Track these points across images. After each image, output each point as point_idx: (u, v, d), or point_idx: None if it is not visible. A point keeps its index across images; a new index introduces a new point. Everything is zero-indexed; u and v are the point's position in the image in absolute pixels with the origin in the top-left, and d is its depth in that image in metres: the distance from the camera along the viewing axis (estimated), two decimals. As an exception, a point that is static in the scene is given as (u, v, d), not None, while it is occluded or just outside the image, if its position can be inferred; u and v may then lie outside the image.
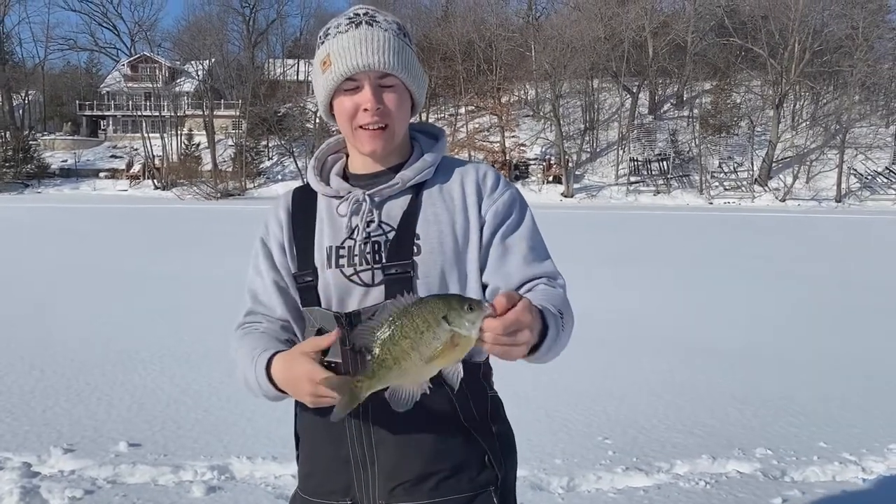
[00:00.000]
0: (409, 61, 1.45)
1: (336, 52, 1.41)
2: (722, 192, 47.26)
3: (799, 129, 49.74)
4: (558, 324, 1.29)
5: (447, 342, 1.12)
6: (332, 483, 1.51)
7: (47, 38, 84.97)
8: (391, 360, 1.16)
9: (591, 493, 3.67)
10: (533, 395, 5.19)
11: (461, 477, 1.45)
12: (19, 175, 53.92)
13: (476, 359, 1.52)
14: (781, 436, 4.44)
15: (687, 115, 52.17)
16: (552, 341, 1.25)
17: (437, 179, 1.51)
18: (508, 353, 1.14)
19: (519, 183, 49.45)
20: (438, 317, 1.12)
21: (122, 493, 3.59)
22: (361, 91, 1.41)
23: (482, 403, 1.51)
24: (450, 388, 1.24)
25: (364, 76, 1.40)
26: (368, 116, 1.41)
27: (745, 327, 7.82)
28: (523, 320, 1.12)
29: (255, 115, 53.66)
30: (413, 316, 1.14)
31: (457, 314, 1.11)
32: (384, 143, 1.45)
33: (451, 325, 1.11)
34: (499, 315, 1.10)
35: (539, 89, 53.55)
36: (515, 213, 1.51)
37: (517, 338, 1.12)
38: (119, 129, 62.87)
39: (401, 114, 1.45)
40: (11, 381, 5.47)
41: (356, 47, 1.39)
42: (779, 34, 47.78)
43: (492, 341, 1.11)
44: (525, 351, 1.15)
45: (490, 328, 1.10)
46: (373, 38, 1.40)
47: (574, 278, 7.81)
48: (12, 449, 4.10)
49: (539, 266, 1.47)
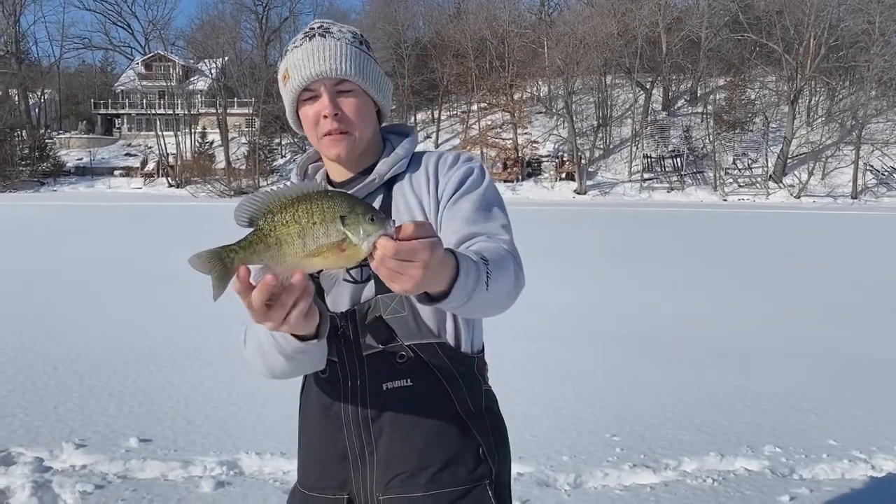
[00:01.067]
0: (364, 66, 1.47)
1: (293, 65, 1.46)
2: (736, 188, 46.99)
3: (814, 125, 49.34)
4: (480, 273, 1.18)
5: (335, 244, 1.06)
6: (329, 477, 1.54)
7: (62, 37, 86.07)
8: (273, 239, 1.08)
9: (597, 489, 3.67)
10: (541, 391, 5.20)
11: (456, 470, 1.46)
12: (35, 173, 54.45)
13: (471, 351, 1.53)
14: (790, 433, 4.42)
15: (701, 111, 51.87)
16: (465, 291, 1.14)
17: (408, 171, 1.54)
18: (393, 280, 1.05)
19: (531, 180, 49.38)
20: (336, 214, 1.06)
21: (133, 488, 3.63)
22: (320, 99, 1.45)
23: (477, 396, 1.53)
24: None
25: (320, 84, 1.44)
26: (329, 123, 1.44)
27: (755, 324, 7.78)
28: (421, 255, 1.02)
29: (268, 113, 53.84)
30: (312, 203, 1.07)
31: (355, 219, 1.05)
32: (346, 148, 1.47)
33: (347, 227, 1.05)
34: (398, 238, 1.03)
35: (552, 86, 53.40)
36: (469, 181, 1.50)
37: (406, 269, 1.03)
38: (133, 128, 63.30)
39: (362, 119, 1.48)
40: (24, 377, 5.53)
41: (310, 58, 1.44)
42: (794, 29, 47.39)
43: (378, 260, 1.03)
44: (413, 287, 1.04)
45: (382, 247, 1.03)
46: (324, 47, 1.44)
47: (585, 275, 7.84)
48: (25, 444, 4.15)
49: (481, 225, 1.43)
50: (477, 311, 1.25)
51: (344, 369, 1.48)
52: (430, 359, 1.46)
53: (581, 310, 7.77)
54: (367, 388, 1.47)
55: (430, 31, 59.65)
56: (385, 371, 1.46)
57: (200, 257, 1.12)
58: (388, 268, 1.03)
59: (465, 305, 1.18)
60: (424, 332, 1.47)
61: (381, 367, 1.46)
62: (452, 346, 1.49)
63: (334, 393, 1.51)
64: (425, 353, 1.46)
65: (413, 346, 1.46)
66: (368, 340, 1.46)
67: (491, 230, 1.42)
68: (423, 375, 1.46)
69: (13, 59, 62.19)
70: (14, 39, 63.22)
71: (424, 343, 1.47)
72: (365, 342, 1.47)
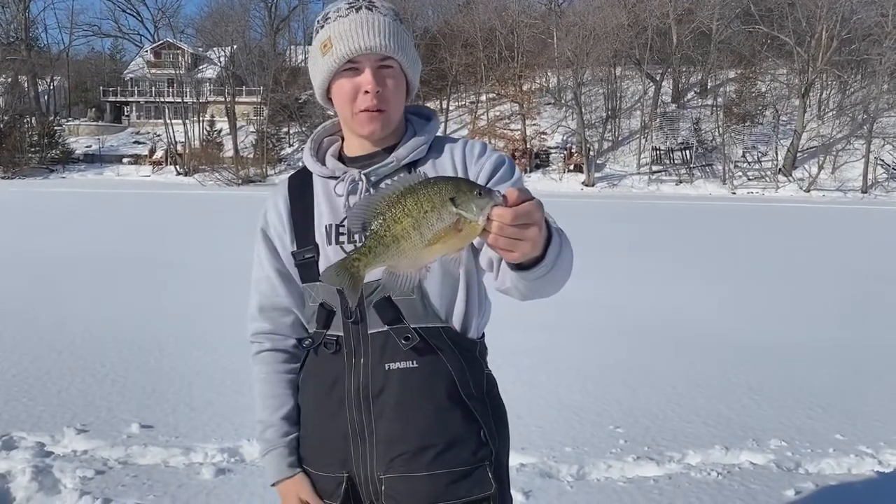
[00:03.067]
0: (406, 45, 1.47)
1: (338, 35, 1.43)
2: (745, 182, 46.69)
3: (825, 118, 48.94)
4: (563, 239, 1.25)
5: (451, 226, 1.06)
6: (330, 455, 1.54)
7: (72, 25, 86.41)
8: (390, 238, 1.10)
9: (600, 481, 3.64)
10: (545, 381, 5.17)
11: (458, 451, 1.47)
12: (44, 160, 54.54)
13: (475, 336, 1.54)
14: (796, 427, 4.38)
15: (711, 103, 51.51)
16: (554, 254, 1.19)
17: (430, 156, 1.53)
18: (513, 247, 1.07)
19: (539, 172, 49.23)
20: (445, 198, 1.06)
21: (133, 474, 3.63)
22: (362, 74, 1.43)
23: (479, 380, 1.53)
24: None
25: (365, 59, 1.43)
26: (368, 99, 1.43)
27: (762, 318, 7.73)
28: (535, 214, 1.06)
29: (276, 102, 53.78)
30: (418, 194, 1.07)
31: (465, 197, 1.05)
32: (381, 126, 1.47)
33: (458, 207, 1.05)
34: (510, 205, 1.05)
35: (561, 77, 53.13)
36: (503, 170, 1.50)
37: (525, 232, 1.06)
38: (142, 115, 63.32)
39: (397, 97, 1.48)
40: (29, 361, 5.54)
41: (358, 30, 1.42)
42: (806, 21, 46.96)
43: (498, 231, 1.05)
44: (531, 249, 1.09)
45: (499, 216, 1.04)
46: (374, 21, 1.43)
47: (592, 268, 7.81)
48: (27, 428, 4.15)
49: None
50: (555, 280, 1.26)
51: (349, 346, 1.49)
52: (434, 342, 1.46)
53: (587, 301, 7.72)
54: (370, 365, 1.47)
55: (440, 20, 59.36)
56: (389, 351, 1.46)
57: (330, 273, 1.18)
58: (508, 235, 1.05)
59: (551, 271, 1.21)
60: (431, 315, 1.46)
61: (386, 346, 1.46)
62: (458, 330, 1.49)
63: (337, 370, 1.51)
64: (430, 336, 1.46)
65: (419, 329, 1.45)
66: (374, 319, 1.46)
67: None
68: (427, 358, 1.46)
69: (23, 45, 62.26)
70: (24, 26, 63.28)
71: (430, 327, 1.46)
72: (371, 321, 1.47)
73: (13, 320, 6.91)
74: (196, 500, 3.37)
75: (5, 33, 63.51)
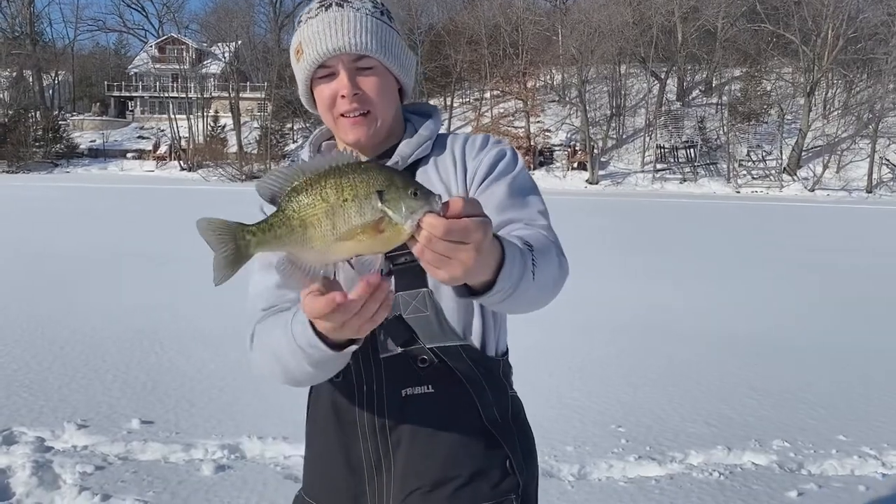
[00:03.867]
0: (387, 40, 1.34)
1: (307, 38, 1.32)
2: (749, 180, 46.61)
3: (830, 117, 48.82)
4: (526, 260, 1.05)
5: (372, 224, 0.90)
6: (341, 489, 1.42)
7: (77, 19, 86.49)
8: (297, 221, 0.93)
9: (602, 481, 3.62)
10: (546, 380, 5.15)
11: (481, 483, 1.35)
12: (49, 155, 54.63)
13: (496, 354, 1.41)
14: (799, 428, 4.36)
15: (716, 102, 51.44)
16: (511, 281, 1.01)
17: (432, 154, 1.42)
18: (439, 266, 0.90)
19: (543, 169, 49.17)
20: (372, 189, 0.90)
21: (133, 470, 3.62)
22: (337, 77, 1.32)
23: (504, 404, 1.41)
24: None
25: (337, 60, 1.31)
26: (347, 103, 1.32)
27: (765, 317, 7.70)
28: (474, 234, 0.88)
29: (280, 98, 53.77)
30: (343, 178, 0.91)
31: (396, 193, 0.89)
32: (367, 130, 1.34)
33: (385, 204, 0.89)
34: (447, 216, 0.88)
35: (565, 74, 53.07)
36: (501, 164, 1.37)
37: (458, 252, 0.89)
38: (146, 111, 63.40)
39: (384, 98, 1.34)
40: (30, 356, 5.53)
41: (326, 31, 1.30)
42: (812, 20, 46.83)
43: (425, 242, 0.88)
44: (462, 273, 0.91)
45: (429, 225, 0.87)
46: (342, 19, 1.30)
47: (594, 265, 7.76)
48: (27, 423, 4.15)
49: (517, 211, 1.30)
50: (520, 304, 1.10)
51: (359, 373, 1.36)
52: (453, 363, 1.34)
53: (589, 300, 7.70)
54: (384, 394, 1.35)
55: (444, 17, 59.33)
56: (404, 376, 1.34)
57: (211, 225, 0.97)
58: (436, 251, 0.89)
59: (509, 298, 1.04)
60: (448, 333, 1.34)
61: (401, 371, 1.34)
62: (478, 348, 1.37)
63: (348, 398, 1.39)
64: (448, 356, 1.34)
65: (435, 350, 1.33)
66: (386, 342, 1.34)
67: (528, 216, 1.29)
68: (445, 381, 1.34)
69: (28, 40, 62.37)
70: (29, 20, 63.41)
71: (448, 346, 1.34)
72: (383, 344, 1.34)
73: (15, 314, 6.91)
74: (196, 496, 3.36)
75: (10, 28, 63.62)
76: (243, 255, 0.97)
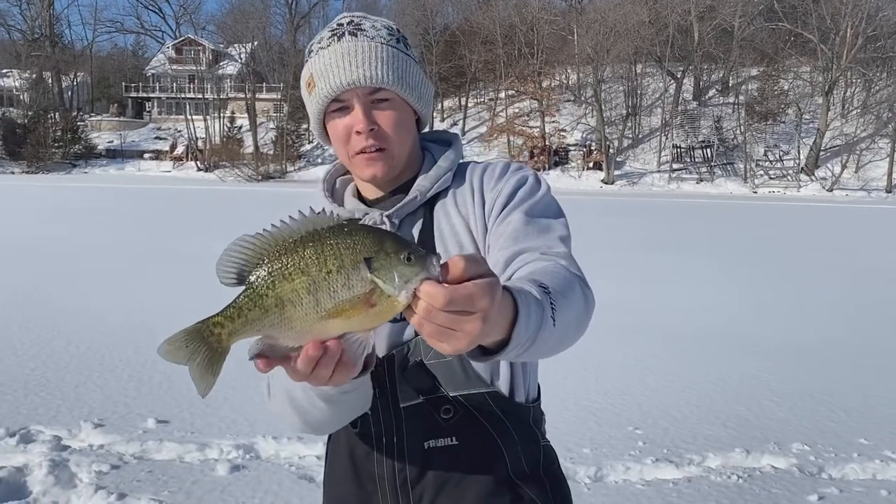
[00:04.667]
0: (403, 71, 1.26)
1: (318, 71, 1.25)
2: (766, 180, 46.24)
3: (849, 116, 48.33)
4: (544, 309, 0.93)
5: (362, 297, 0.78)
6: None
7: (95, 21, 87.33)
8: (272, 299, 0.81)
9: (618, 483, 3.59)
10: (563, 382, 5.11)
11: None
12: (67, 155, 55.18)
13: (525, 400, 1.31)
14: (819, 431, 4.30)
15: (732, 101, 51.05)
16: (527, 335, 0.89)
17: (451, 186, 1.33)
18: (441, 339, 0.79)
19: (558, 169, 49.03)
20: (359, 257, 0.79)
21: (148, 469, 3.62)
22: (351, 112, 1.24)
23: (534, 454, 1.31)
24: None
25: (352, 94, 1.23)
26: (363, 140, 1.24)
27: (785, 319, 7.62)
28: (479, 302, 0.77)
29: (296, 99, 53.83)
30: (324, 245, 0.80)
31: (386, 261, 0.78)
32: (384, 167, 1.26)
33: (375, 273, 0.78)
34: (447, 282, 0.77)
35: (581, 74, 52.90)
36: (521, 192, 1.27)
37: (461, 323, 0.77)
38: (163, 111, 63.84)
39: (400, 132, 1.27)
40: (47, 355, 5.57)
41: (339, 63, 1.22)
42: (830, 18, 46.37)
43: (423, 315, 0.77)
44: (465, 346, 0.79)
45: (428, 296, 0.76)
46: (356, 50, 1.23)
47: (611, 266, 7.70)
48: (44, 422, 4.17)
49: (533, 239, 1.19)
50: (542, 352, 1.00)
51: (378, 423, 1.27)
52: (479, 412, 1.25)
53: (606, 301, 7.62)
54: (405, 446, 1.26)
55: (459, 17, 59.33)
56: (427, 427, 1.25)
57: (174, 343, 0.84)
58: (437, 324, 0.77)
59: (528, 351, 0.93)
60: (473, 380, 1.25)
61: (422, 421, 1.25)
62: (506, 395, 1.27)
63: (367, 449, 1.30)
64: (474, 405, 1.24)
65: (459, 398, 1.24)
66: (406, 390, 1.24)
67: (544, 245, 1.18)
68: (471, 432, 1.25)
69: (47, 42, 62.98)
70: (48, 23, 64.03)
71: (473, 394, 1.24)
72: (403, 392, 1.25)
73: (32, 314, 6.96)
74: (210, 496, 3.36)
75: (30, 30, 64.26)
76: (218, 354, 0.85)
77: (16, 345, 5.83)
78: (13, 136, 53.59)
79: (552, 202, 1.29)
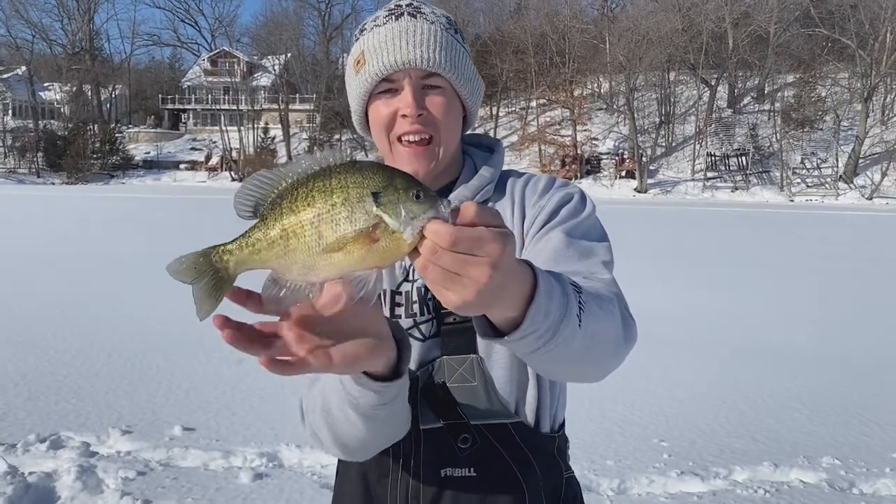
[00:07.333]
0: (459, 60, 1.19)
1: (371, 48, 1.17)
2: (804, 189, 45.44)
3: (889, 123, 47.34)
4: (569, 299, 0.85)
5: (364, 231, 0.76)
6: None
7: (133, 35, 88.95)
8: (277, 231, 0.79)
9: (642, 496, 3.55)
10: (588, 391, 5.05)
11: None
12: (105, 166, 56.30)
13: (550, 430, 1.24)
14: (851, 445, 4.20)
15: (768, 108, 50.33)
16: (546, 320, 0.82)
17: (491, 198, 1.27)
18: (446, 286, 0.73)
19: (590, 178, 48.76)
20: (366, 190, 0.76)
21: (173, 476, 3.67)
22: (400, 94, 1.17)
23: (556, 487, 1.23)
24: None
25: (404, 75, 1.16)
26: (408, 124, 1.16)
27: (816, 331, 7.46)
28: (488, 246, 0.71)
29: (328, 109, 54.48)
30: (332, 178, 0.77)
31: (394, 196, 0.75)
32: (427, 162, 1.18)
33: (381, 207, 0.75)
34: (457, 223, 0.72)
35: (613, 82, 52.61)
36: (564, 210, 1.19)
37: (468, 267, 0.71)
38: (199, 123, 64.89)
39: (449, 123, 1.19)
40: (80, 363, 5.67)
41: (395, 41, 1.15)
42: (869, 24, 45.56)
43: (429, 255, 0.72)
44: (473, 296, 0.73)
45: (434, 234, 0.72)
46: (415, 30, 1.16)
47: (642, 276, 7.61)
48: (74, 428, 4.25)
49: (574, 263, 1.10)
50: (566, 360, 0.89)
51: (396, 445, 1.19)
52: (500, 444, 1.18)
53: (634, 311, 7.56)
54: (420, 472, 1.19)
55: (491, 27, 59.45)
56: (444, 454, 1.18)
57: (183, 263, 0.83)
58: (442, 265, 0.72)
59: (546, 347, 0.84)
60: (497, 408, 1.18)
61: (440, 448, 1.18)
62: (530, 425, 1.21)
63: (380, 472, 1.23)
64: (495, 436, 1.18)
65: (481, 428, 1.17)
66: (427, 412, 1.18)
67: (587, 269, 1.10)
68: (490, 463, 1.18)
69: (87, 55, 64.45)
70: (88, 37, 65.56)
71: (496, 424, 1.18)
72: (423, 414, 1.18)
73: (66, 321, 7.10)
74: (233, 503, 3.39)
75: (71, 44, 65.84)
76: (225, 280, 0.83)
77: (50, 352, 5.95)
78: (54, 148, 54.85)
79: (596, 224, 1.22)
